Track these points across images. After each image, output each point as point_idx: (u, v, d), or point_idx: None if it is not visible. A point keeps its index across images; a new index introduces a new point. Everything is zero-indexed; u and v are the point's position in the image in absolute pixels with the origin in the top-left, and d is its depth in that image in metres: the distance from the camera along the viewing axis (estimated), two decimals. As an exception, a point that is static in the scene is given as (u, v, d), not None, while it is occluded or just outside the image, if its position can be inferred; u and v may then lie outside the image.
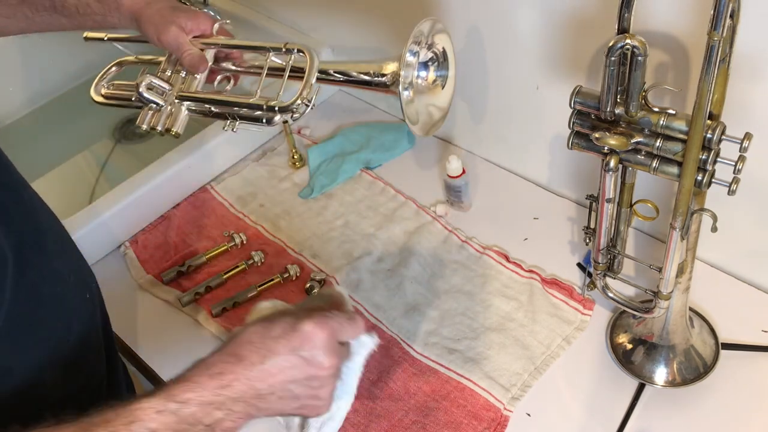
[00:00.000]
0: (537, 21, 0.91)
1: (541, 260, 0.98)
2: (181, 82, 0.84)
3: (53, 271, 0.70)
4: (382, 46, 1.16)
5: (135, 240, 1.09)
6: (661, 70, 0.81)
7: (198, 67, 0.82)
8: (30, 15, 0.83)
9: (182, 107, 0.82)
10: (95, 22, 0.85)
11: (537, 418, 0.83)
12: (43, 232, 0.70)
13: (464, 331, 0.92)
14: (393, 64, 0.76)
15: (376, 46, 1.17)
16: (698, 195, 0.70)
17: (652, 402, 0.83)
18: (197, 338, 0.96)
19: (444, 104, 0.82)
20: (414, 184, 1.12)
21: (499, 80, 1.03)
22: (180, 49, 0.81)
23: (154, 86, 0.82)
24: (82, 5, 0.84)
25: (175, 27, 0.81)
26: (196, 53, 0.82)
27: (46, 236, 0.70)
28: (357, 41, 1.20)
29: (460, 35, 1.02)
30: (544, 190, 1.09)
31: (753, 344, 0.85)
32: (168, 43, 0.81)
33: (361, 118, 1.25)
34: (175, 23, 0.81)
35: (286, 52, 0.79)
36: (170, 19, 0.81)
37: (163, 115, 0.82)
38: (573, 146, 0.73)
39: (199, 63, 0.82)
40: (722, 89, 0.65)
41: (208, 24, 0.84)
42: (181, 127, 0.82)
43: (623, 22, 0.63)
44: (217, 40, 0.84)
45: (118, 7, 0.83)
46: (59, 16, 0.84)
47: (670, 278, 0.76)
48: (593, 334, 0.90)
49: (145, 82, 0.81)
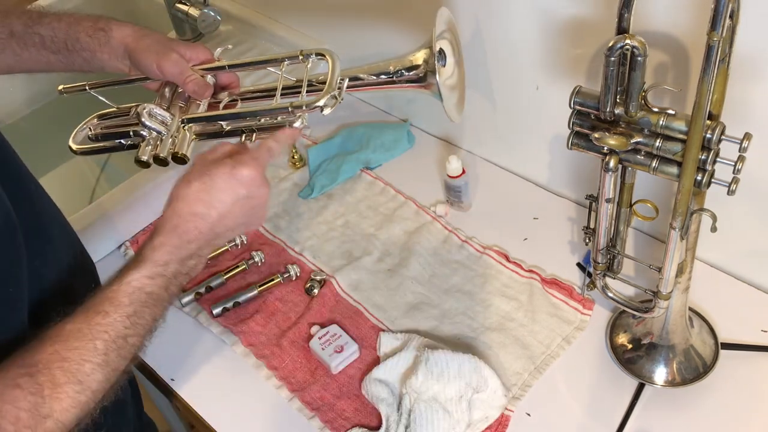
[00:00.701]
0: (537, 21, 0.91)
1: (541, 260, 0.98)
2: (182, 111, 0.80)
3: (58, 260, 0.70)
4: (383, 45, 1.16)
5: (135, 240, 1.09)
6: (661, 70, 0.81)
7: (202, 93, 0.80)
8: (18, 51, 0.82)
9: (187, 132, 0.78)
10: (83, 59, 0.83)
11: (537, 417, 0.83)
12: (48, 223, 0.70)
13: (464, 331, 0.92)
14: (422, 53, 0.75)
15: (376, 46, 1.17)
16: (698, 195, 0.70)
17: (652, 402, 0.83)
18: (197, 338, 0.96)
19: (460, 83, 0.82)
20: (414, 184, 1.12)
21: (500, 80, 1.03)
22: (183, 74, 0.79)
23: (154, 114, 0.78)
24: (71, 40, 0.82)
25: (175, 54, 0.79)
26: (200, 79, 0.79)
27: (51, 227, 0.70)
28: (358, 41, 1.20)
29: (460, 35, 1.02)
30: (544, 190, 1.09)
31: (753, 344, 0.85)
32: (169, 69, 0.79)
33: (361, 118, 1.25)
34: (175, 51, 0.80)
35: (303, 60, 0.77)
36: (170, 46, 0.80)
37: (166, 142, 0.77)
38: (573, 146, 0.73)
39: (204, 89, 0.80)
40: (722, 89, 0.65)
41: (207, 54, 0.82)
42: (189, 150, 0.78)
43: (623, 22, 0.63)
44: (220, 63, 0.81)
45: (108, 41, 0.81)
46: (47, 53, 0.82)
47: (669, 278, 0.76)
48: (593, 334, 0.90)
49: (146, 110, 0.77)
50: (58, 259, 0.71)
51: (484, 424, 0.82)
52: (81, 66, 0.84)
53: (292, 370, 0.91)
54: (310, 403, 0.87)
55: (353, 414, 0.86)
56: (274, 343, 0.93)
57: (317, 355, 0.90)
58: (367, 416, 0.85)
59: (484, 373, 0.82)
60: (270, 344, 0.93)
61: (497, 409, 0.82)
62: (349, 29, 1.20)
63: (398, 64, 0.76)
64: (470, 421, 0.81)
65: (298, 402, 0.87)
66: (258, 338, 0.94)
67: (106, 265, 1.06)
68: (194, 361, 0.94)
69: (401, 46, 1.12)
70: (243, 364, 0.92)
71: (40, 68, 0.85)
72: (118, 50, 0.82)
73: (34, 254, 0.66)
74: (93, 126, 0.88)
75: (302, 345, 0.93)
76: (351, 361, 0.90)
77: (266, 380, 0.90)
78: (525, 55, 0.96)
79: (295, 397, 0.88)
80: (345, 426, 0.84)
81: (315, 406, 0.87)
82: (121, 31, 0.81)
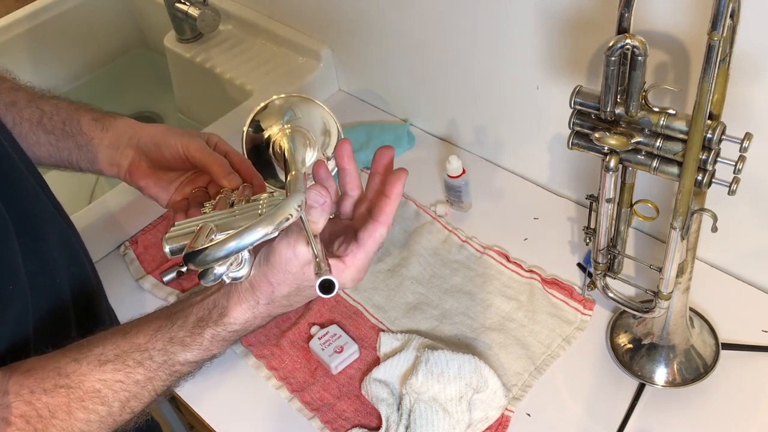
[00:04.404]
0: (537, 21, 0.91)
1: (541, 260, 0.98)
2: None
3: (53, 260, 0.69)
4: (384, 44, 1.16)
5: (135, 240, 1.09)
6: (661, 70, 0.81)
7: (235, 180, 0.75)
8: (11, 124, 0.77)
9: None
10: (76, 145, 0.78)
11: (537, 418, 0.83)
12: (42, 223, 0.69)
13: (464, 331, 0.92)
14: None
15: (377, 45, 1.17)
16: (698, 195, 0.70)
17: (652, 402, 0.83)
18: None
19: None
20: (414, 184, 1.12)
21: (500, 80, 1.03)
22: (211, 155, 0.76)
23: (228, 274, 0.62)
24: (71, 121, 0.78)
25: (200, 138, 0.77)
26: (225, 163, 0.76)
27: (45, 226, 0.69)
28: (357, 41, 1.20)
29: (460, 35, 1.02)
30: (544, 190, 1.09)
31: (753, 344, 0.85)
32: (203, 150, 0.76)
33: (361, 118, 1.25)
34: (199, 136, 0.78)
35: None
36: (192, 132, 0.78)
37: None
38: (573, 146, 0.73)
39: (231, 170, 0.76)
40: (722, 89, 0.65)
41: (212, 139, 0.81)
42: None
43: (623, 22, 0.63)
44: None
45: (114, 124, 0.79)
46: (40, 131, 0.78)
47: (670, 278, 0.76)
48: (593, 334, 0.90)
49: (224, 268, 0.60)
50: (53, 260, 0.70)
51: (484, 425, 0.82)
52: (68, 156, 0.79)
53: (292, 370, 0.91)
54: (310, 404, 0.87)
55: (353, 414, 0.86)
56: (273, 343, 0.93)
57: (317, 355, 0.90)
58: (367, 416, 0.85)
59: (484, 373, 0.82)
60: (270, 344, 0.93)
61: (497, 409, 0.82)
62: (350, 29, 1.20)
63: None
64: (470, 421, 0.81)
65: (298, 402, 0.87)
66: (258, 338, 0.94)
67: (105, 265, 1.06)
68: (194, 361, 0.94)
69: (401, 46, 1.12)
70: (243, 365, 0.92)
71: (27, 149, 0.75)
72: (122, 136, 0.78)
73: (27, 253, 0.65)
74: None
75: (302, 345, 0.93)
76: (351, 362, 0.90)
77: (266, 380, 0.90)
78: (525, 55, 0.96)
79: (295, 398, 0.88)
80: (345, 426, 0.84)
81: (315, 406, 0.87)
82: (131, 119, 0.79)
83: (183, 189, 0.80)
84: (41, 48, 1.51)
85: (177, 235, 0.63)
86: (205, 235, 0.59)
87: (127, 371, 0.60)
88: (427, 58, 1.10)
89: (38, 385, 0.58)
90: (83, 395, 0.59)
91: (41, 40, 1.50)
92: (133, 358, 0.61)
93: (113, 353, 0.60)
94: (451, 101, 1.13)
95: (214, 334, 0.62)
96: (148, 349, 0.61)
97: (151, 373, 0.61)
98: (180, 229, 0.64)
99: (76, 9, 1.52)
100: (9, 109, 0.78)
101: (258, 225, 0.55)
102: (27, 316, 0.65)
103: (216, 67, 1.34)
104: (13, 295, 0.62)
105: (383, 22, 1.12)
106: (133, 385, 0.61)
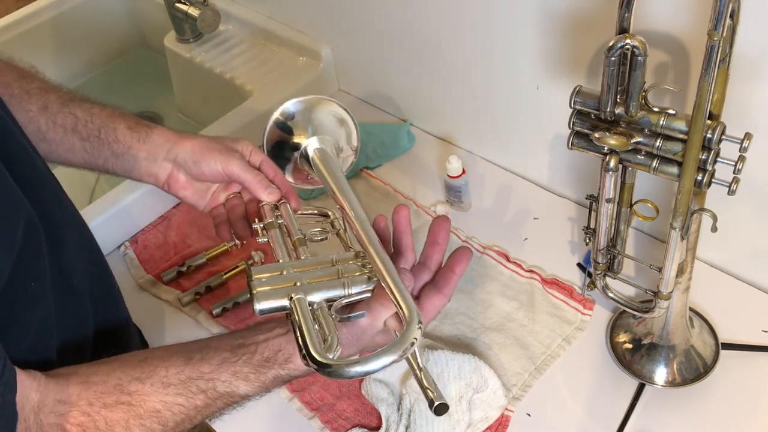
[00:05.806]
0: (537, 21, 0.91)
1: (541, 260, 0.98)
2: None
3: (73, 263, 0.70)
4: (384, 44, 1.16)
5: (135, 240, 1.09)
6: (661, 70, 0.81)
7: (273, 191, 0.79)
8: (44, 129, 0.77)
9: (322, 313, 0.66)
10: (112, 154, 0.78)
11: (537, 418, 0.83)
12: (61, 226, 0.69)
13: (464, 331, 0.92)
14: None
15: (377, 45, 1.17)
16: (698, 195, 0.70)
17: (652, 402, 0.83)
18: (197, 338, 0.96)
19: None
20: (414, 184, 1.12)
21: (499, 80, 1.03)
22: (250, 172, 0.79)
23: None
24: (107, 129, 0.78)
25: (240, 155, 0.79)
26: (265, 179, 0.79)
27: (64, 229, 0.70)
28: (357, 41, 1.20)
29: (461, 35, 1.02)
30: (544, 190, 1.09)
31: (753, 344, 0.85)
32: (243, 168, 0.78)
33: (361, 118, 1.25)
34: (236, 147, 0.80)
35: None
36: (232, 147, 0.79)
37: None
38: (573, 146, 0.73)
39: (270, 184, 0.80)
40: (722, 89, 0.65)
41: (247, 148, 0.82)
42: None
43: (623, 22, 0.63)
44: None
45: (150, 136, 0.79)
46: (75, 138, 0.77)
47: (670, 278, 0.76)
48: (593, 334, 0.90)
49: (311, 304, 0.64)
50: (72, 263, 0.70)
51: (484, 425, 0.82)
52: (104, 163, 0.79)
53: (292, 370, 0.91)
54: (310, 403, 0.87)
55: (353, 414, 0.86)
56: (273, 343, 0.93)
57: (317, 355, 0.90)
58: (367, 416, 0.85)
59: (484, 373, 0.82)
60: (270, 344, 0.93)
61: (497, 409, 0.82)
62: (350, 29, 1.20)
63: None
64: (470, 421, 0.81)
65: (298, 402, 0.87)
66: (258, 338, 0.94)
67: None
68: (194, 361, 0.93)
69: (401, 46, 1.12)
70: (243, 365, 0.92)
71: (61, 154, 0.78)
72: (159, 149, 0.78)
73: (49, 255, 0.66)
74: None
75: (302, 345, 0.92)
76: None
77: (266, 380, 0.90)
78: (525, 55, 0.96)
79: (295, 397, 0.88)
80: (345, 426, 0.84)
81: (315, 406, 0.87)
82: (166, 130, 0.79)
83: (218, 195, 0.83)
84: (41, 48, 1.51)
85: (266, 292, 0.64)
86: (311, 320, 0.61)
87: (188, 396, 0.62)
88: (427, 58, 1.10)
89: (98, 399, 0.59)
90: (143, 413, 0.60)
91: (41, 40, 1.50)
92: (197, 385, 0.63)
93: (177, 378, 0.62)
94: (451, 101, 1.13)
95: (276, 376, 0.66)
96: (213, 379, 0.63)
97: (210, 401, 0.63)
98: (265, 282, 0.65)
99: (76, 9, 1.52)
100: (42, 113, 0.77)
101: (385, 354, 0.57)
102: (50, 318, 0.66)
103: (216, 67, 1.34)
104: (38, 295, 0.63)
105: (383, 22, 1.12)
106: (192, 409, 0.63)
